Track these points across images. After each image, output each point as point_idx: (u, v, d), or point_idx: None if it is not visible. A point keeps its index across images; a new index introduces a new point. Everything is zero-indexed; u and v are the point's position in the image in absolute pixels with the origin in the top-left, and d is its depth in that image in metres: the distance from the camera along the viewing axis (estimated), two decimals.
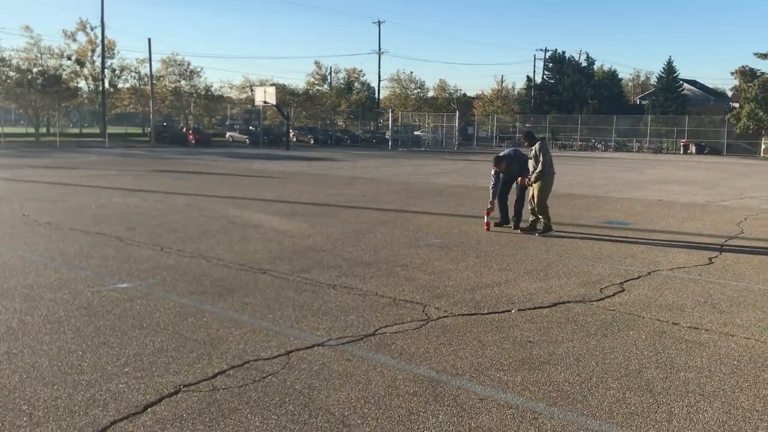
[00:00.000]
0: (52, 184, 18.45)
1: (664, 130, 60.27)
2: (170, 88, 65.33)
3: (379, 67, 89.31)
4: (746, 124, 50.89)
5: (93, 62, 61.63)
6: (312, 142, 62.54)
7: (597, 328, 5.96)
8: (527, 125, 61.56)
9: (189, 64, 68.37)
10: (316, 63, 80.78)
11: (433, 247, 9.79)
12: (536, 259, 9.05)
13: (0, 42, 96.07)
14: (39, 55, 58.27)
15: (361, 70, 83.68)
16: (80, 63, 60.51)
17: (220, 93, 71.99)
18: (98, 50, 60.48)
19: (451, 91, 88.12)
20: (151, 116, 52.92)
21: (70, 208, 13.08)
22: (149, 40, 55.10)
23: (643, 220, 13.62)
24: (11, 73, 48.85)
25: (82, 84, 61.90)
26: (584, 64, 72.09)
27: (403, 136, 64.57)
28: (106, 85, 61.04)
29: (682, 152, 55.78)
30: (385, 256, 9.01)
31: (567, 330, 5.84)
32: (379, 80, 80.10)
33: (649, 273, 8.37)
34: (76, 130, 57.04)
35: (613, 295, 7.22)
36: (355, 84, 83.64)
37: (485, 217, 11.70)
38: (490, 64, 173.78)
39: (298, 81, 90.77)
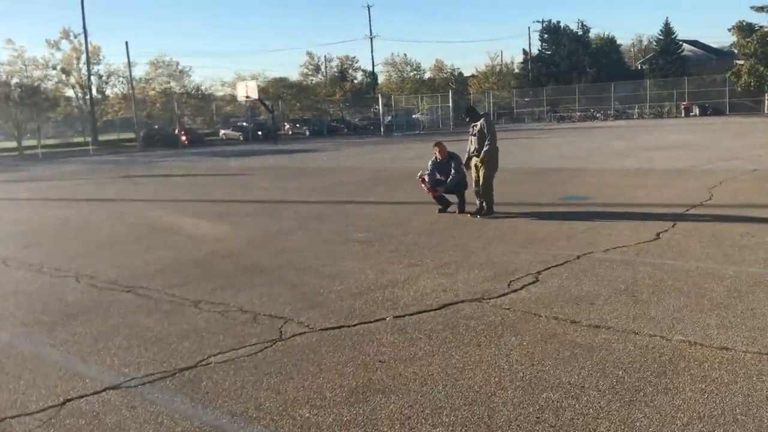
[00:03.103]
0: (4, 199, 17.68)
1: (665, 94, 58.64)
2: (159, 90, 64.51)
3: (372, 52, 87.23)
4: (747, 81, 49.22)
5: (79, 70, 60.95)
6: (307, 133, 61.55)
7: (475, 335, 4.99)
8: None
9: (177, 64, 67.53)
10: (308, 53, 79.82)
11: (352, 244, 8.85)
12: (458, 249, 8.09)
13: None
14: (24, 66, 57.78)
15: (354, 57, 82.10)
16: (66, 72, 59.86)
17: (210, 91, 71.15)
18: (84, 57, 59.76)
19: (449, 70, 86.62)
20: (134, 120, 52.24)
21: None
22: (126, 43, 54.24)
23: (608, 193, 12.61)
24: None
25: (70, 93, 61.25)
26: (580, 32, 70.29)
27: (399, 120, 63.42)
28: (94, 92, 60.35)
29: (683, 115, 54.19)
30: (288, 258, 8.09)
31: (437, 341, 4.89)
32: (373, 65, 78.36)
33: (578, 257, 7.39)
34: (65, 140, 56.24)
35: (521, 288, 6.25)
36: (350, 71, 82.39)
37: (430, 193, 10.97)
38: (484, 40, 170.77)
39: (291, 73, 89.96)
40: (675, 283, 6.18)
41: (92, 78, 60.81)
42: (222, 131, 63.20)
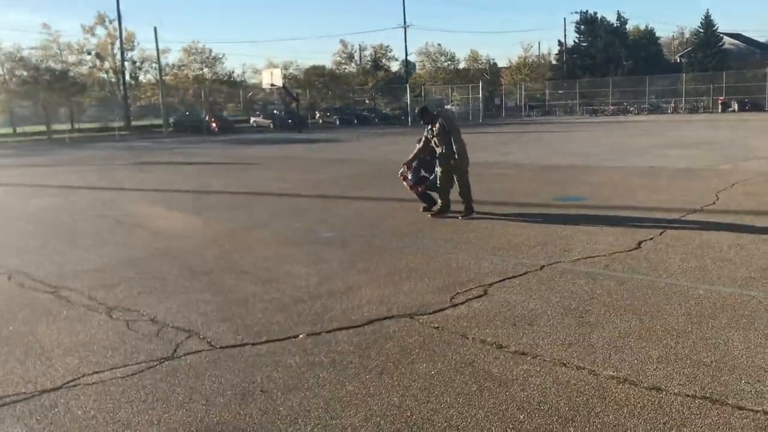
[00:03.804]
0: None
1: (703, 89, 56.78)
2: (191, 77, 64.64)
3: (405, 41, 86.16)
4: None
5: (113, 55, 61.31)
6: (337, 122, 61.01)
7: (384, 360, 4.45)
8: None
9: (210, 51, 67.59)
10: (341, 42, 79.05)
11: (314, 244, 8.35)
12: (421, 254, 7.57)
13: (19, 41, 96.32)
14: (59, 51, 58.36)
15: (387, 46, 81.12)
16: (100, 57, 60.27)
17: (242, 78, 71.10)
18: (118, 43, 60.09)
19: (483, 61, 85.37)
20: (161, 105, 52.41)
21: None
22: (155, 28, 54.38)
23: (608, 193, 11.88)
24: (23, 72, 48.72)
25: (103, 77, 61.67)
26: (617, 24, 68.46)
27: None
28: (128, 77, 60.69)
29: (720, 111, 52.39)
30: (238, 259, 7.63)
31: (338, 367, 4.36)
32: (406, 54, 77.29)
33: (542, 267, 6.77)
34: (105, 124, 56.62)
35: (463, 303, 5.68)
36: (383, 60, 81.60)
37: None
38: (520, 31, 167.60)
39: (324, 61, 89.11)
40: (633, 302, 5.54)
41: (126, 63, 61.13)
42: (252, 119, 63.01)
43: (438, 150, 9.87)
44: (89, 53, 59.85)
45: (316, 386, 4.10)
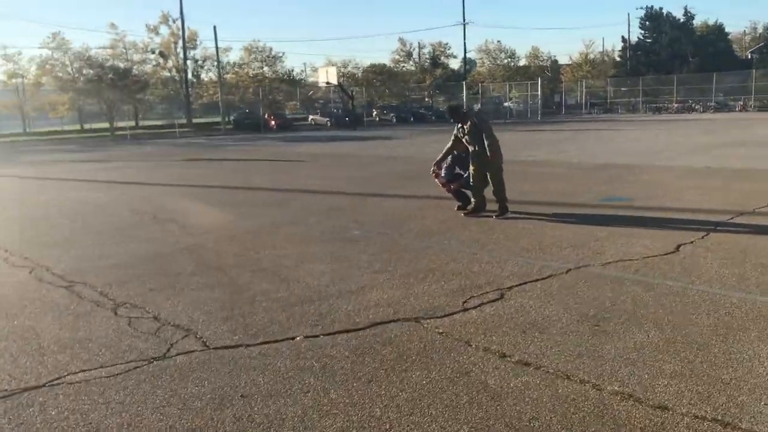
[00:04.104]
0: (42, 179, 18.05)
1: None
2: (252, 75, 65.46)
3: (464, 39, 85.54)
4: None
5: (176, 54, 62.59)
6: (394, 120, 60.93)
7: (377, 367, 4.23)
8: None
9: (271, 49, 68.33)
10: (400, 39, 78.90)
11: (340, 242, 8.19)
12: (444, 254, 7.34)
13: (88, 41, 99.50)
14: (125, 50, 59.93)
15: (446, 44, 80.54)
16: (164, 56, 61.61)
17: (301, 77, 71.67)
18: (181, 42, 61.31)
19: (545, 58, 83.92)
20: (219, 103, 53.23)
21: None
22: (214, 27, 55.07)
23: (655, 194, 11.36)
24: (89, 71, 50.19)
25: (167, 75, 63.03)
26: (683, 19, 66.24)
27: (488, 108, 61.85)
28: (189, 75, 61.88)
29: None
30: (257, 257, 7.54)
31: (328, 372, 4.18)
32: (465, 52, 76.55)
33: (568, 271, 6.43)
34: (170, 122, 57.89)
35: (475, 307, 5.40)
36: (442, 58, 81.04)
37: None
38: (582, 27, 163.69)
39: (382, 59, 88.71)
40: (657, 311, 5.16)
41: (188, 62, 62.36)
42: (311, 117, 63.54)
43: (470, 148, 9.57)
44: (153, 52, 61.28)
45: (300, 392, 3.90)
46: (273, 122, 53.46)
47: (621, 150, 21.21)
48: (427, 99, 74.60)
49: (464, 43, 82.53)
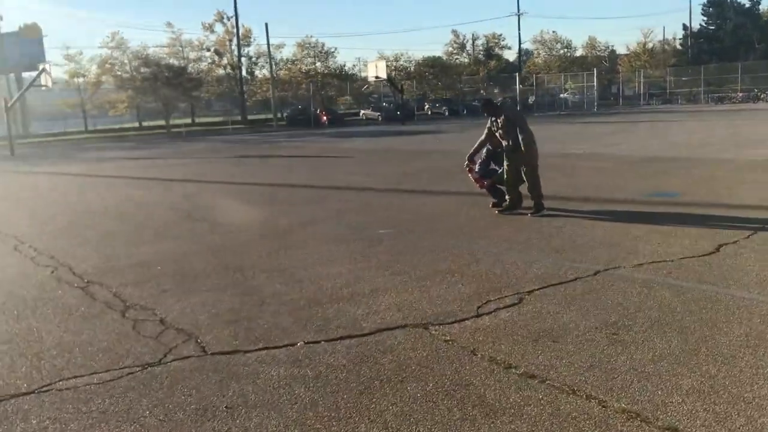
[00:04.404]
0: (91, 177, 18.41)
1: None
2: (304, 71, 65.82)
3: (519, 30, 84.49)
4: None
5: (231, 52, 63.34)
6: (446, 113, 60.44)
7: (373, 378, 4.04)
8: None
9: (323, 45, 68.57)
10: (453, 32, 78.29)
11: (365, 241, 8.03)
12: (469, 255, 7.10)
13: (146, 40, 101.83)
14: (181, 49, 60.98)
15: (500, 35, 79.48)
16: (219, 53, 62.44)
17: (354, 71, 71.71)
18: (235, 40, 62.02)
19: (602, 48, 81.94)
20: (271, 100, 53.57)
21: (36, 204, 12.71)
22: (266, 24, 55.56)
23: (706, 189, 10.84)
24: (146, 69, 51.24)
25: (222, 73, 63.87)
26: (749, 5, 63.68)
27: (543, 100, 60.77)
28: (244, 72, 62.55)
29: None
30: (279, 256, 7.46)
31: (320, 383, 4.01)
32: (519, 43, 75.42)
33: (596, 273, 6.11)
34: (227, 118, 58.73)
35: (490, 313, 5.15)
36: (496, 49, 79.98)
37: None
38: (641, 15, 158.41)
39: (435, 52, 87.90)
40: (684, 318, 4.81)
41: (242, 59, 63.03)
42: (362, 111, 63.55)
43: (504, 143, 9.25)
44: (208, 50, 62.15)
45: (287, 404, 3.72)
46: (324, 118, 53.65)
47: (675, 142, 20.45)
48: (481, 91, 73.73)
49: (519, 34, 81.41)
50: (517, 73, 57.49)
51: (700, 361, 4.05)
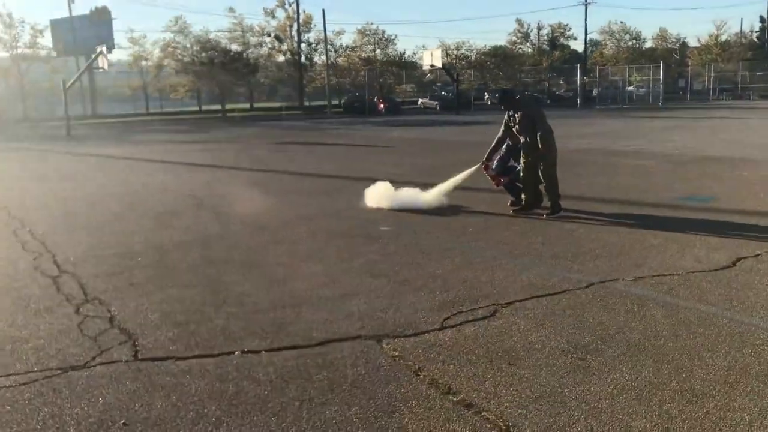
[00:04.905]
0: (129, 159, 18.55)
1: None
2: (363, 58, 65.59)
3: (585, 19, 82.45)
4: None
5: (291, 38, 63.54)
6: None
7: (293, 398, 3.72)
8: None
9: (384, 32, 68.19)
10: (517, 21, 76.61)
11: (361, 238, 7.70)
12: (462, 258, 6.70)
13: (207, 25, 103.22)
14: (242, 34, 61.50)
15: (566, 24, 77.39)
16: (279, 39, 62.73)
17: (414, 59, 71.07)
18: (296, 26, 62.18)
19: (673, 40, 79.10)
20: (326, 87, 53.52)
21: (56, 186, 12.76)
22: (323, 11, 55.43)
23: (745, 194, 10.12)
24: (204, 54, 51.83)
25: (281, 58, 64.22)
26: None
27: (608, 92, 58.96)
28: (303, 59, 62.72)
29: None
30: (267, 251, 7.24)
31: (234, 402, 3.71)
32: (586, 33, 73.36)
33: (588, 285, 5.62)
34: (277, 104, 59.15)
35: (455, 326, 4.76)
36: (561, 39, 78.02)
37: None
38: (717, 7, 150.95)
39: (498, 41, 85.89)
40: (666, 344, 4.29)
41: (302, 45, 63.19)
42: (420, 100, 63.05)
43: (521, 139, 8.72)
44: (269, 35, 62.49)
45: (188, 423, 3.40)
46: (381, 105, 53.28)
47: (735, 141, 19.35)
48: (544, 82, 72.15)
49: (585, 24, 79.44)
50: (578, 65, 55.71)
51: (663, 398, 3.55)
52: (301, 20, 61.34)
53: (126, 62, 57.23)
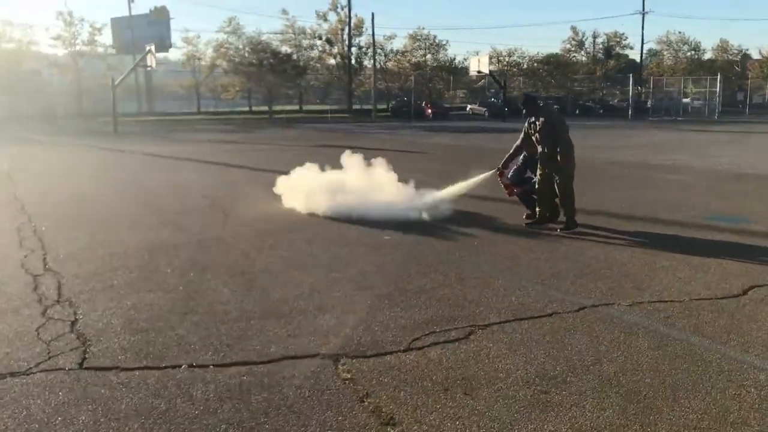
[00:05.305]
0: (164, 158, 18.71)
1: None
2: (413, 63, 65.41)
3: (642, 29, 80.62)
4: None
5: (342, 41, 63.77)
6: None
7: (223, 420, 3.46)
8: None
9: (435, 37, 67.92)
10: (572, 28, 75.29)
11: (361, 247, 7.51)
12: (456, 273, 6.40)
13: (261, 26, 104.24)
14: (294, 36, 61.99)
15: (622, 33, 75.68)
16: (330, 42, 63.01)
17: (464, 65, 70.53)
18: (347, 29, 62.40)
19: (735, 51, 76.77)
20: (372, 90, 53.45)
21: (81, 182, 12.87)
22: (372, 14, 55.45)
23: None
24: (252, 56, 52.31)
25: (332, 62, 64.49)
26: None
27: (662, 104, 57.46)
28: (353, 62, 62.88)
29: None
30: (259, 257, 7.08)
31: (159, 422, 3.48)
32: (642, 43, 71.56)
33: (579, 309, 5.27)
34: (326, 107, 59.45)
35: (422, 347, 4.49)
36: (617, 48, 76.40)
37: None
38: None
39: (550, 49, 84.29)
40: (643, 381, 3.95)
41: (353, 49, 63.35)
42: (469, 106, 62.60)
43: (539, 149, 8.36)
44: (320, 38, 62.81)
45: None
46: (429, 110, 53.03)
47: None
48: (598, 91, 70.80)
49: (642, 33, 77.40)
50: (631, 75, 54.40)
51: None
52: (352, 24, 61.47)
53: (179, 61, 58.27)
